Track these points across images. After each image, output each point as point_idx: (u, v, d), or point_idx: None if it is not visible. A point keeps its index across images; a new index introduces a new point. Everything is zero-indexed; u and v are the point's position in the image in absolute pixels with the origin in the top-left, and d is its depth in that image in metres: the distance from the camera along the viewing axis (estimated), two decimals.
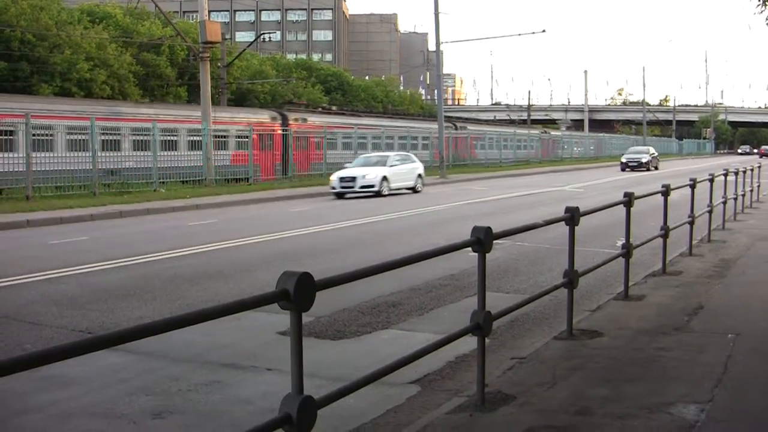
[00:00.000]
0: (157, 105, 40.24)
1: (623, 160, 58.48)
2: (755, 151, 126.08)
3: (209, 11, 37.26)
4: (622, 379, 6.61)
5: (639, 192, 10.75)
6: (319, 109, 51.64)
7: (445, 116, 54.28)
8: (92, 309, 9.88)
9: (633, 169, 56.16)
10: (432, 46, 68.13)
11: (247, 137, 36.79)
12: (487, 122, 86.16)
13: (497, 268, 12.38)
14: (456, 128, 63.19)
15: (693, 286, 10.86)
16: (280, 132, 40.50)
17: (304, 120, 44.04)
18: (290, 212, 23.32)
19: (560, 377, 6.65)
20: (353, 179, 29.95)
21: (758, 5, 12.68)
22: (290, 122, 42.18)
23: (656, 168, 58.28)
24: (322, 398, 4.22)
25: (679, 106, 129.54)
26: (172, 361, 7.62)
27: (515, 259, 13.67)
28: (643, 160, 57.50)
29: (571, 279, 7.99)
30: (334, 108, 55.49)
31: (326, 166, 39.77)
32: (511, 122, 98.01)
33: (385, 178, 30.28)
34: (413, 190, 32.52)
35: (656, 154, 62.43)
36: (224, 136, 36.50)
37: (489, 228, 5.81)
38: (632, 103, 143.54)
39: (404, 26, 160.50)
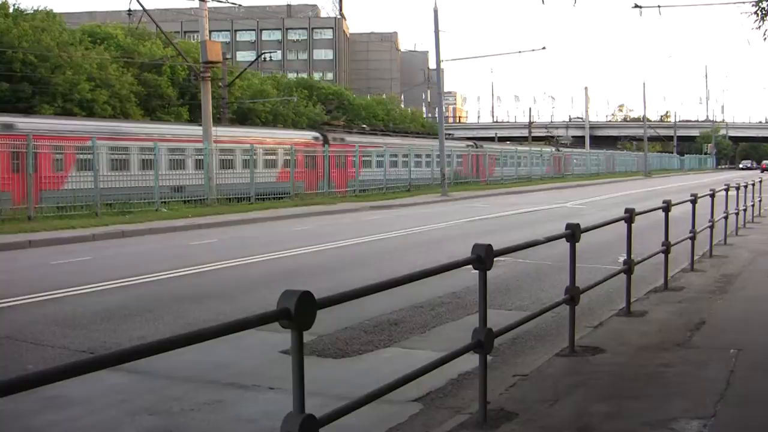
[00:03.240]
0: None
1: None
2: (755, 165, 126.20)
3: (210, 31, 37.42)
4: (624, 395, 6.61)
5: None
6: (355, 130, 53.73)
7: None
8: (94, 329, 9.88)
9: None
10: (432, 64, 68.42)
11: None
12: (488, 140, 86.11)
13: (499, 285, 12.38)
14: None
15: (695, 301, 10.86)
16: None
17: (342, 140, 46.36)
18: (292, 231, 23.32)
19: (562, 394, 6.64)
20: None
21: (756, 20, 12.74)
22: (330, 142, 44.48)
23: None
24: (323, 417, 4.23)
25: (680, 121, 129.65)
26: (175, 380, 7.61)
27: (517, 276, 13.67)
28: None
29: (572, 295, 8.00)
30: (366, 128, 57.43)
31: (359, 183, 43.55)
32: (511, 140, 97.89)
33: None
34: None
35: None
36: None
37: (489, 245, 5.82)
38: (633, 119, 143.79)
39: (404, 45, 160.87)
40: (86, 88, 43.92)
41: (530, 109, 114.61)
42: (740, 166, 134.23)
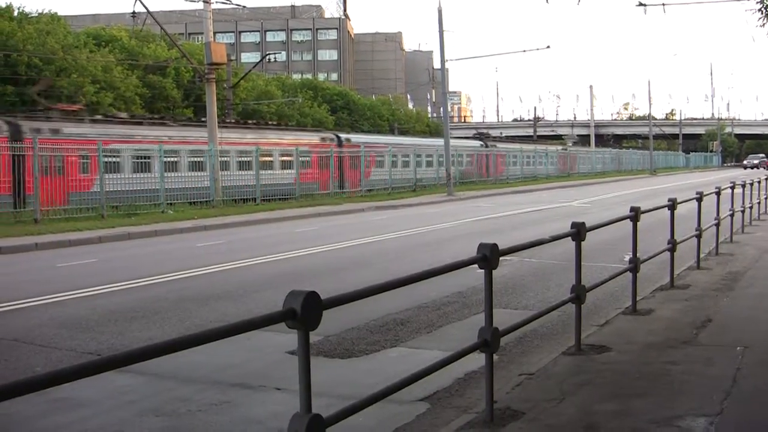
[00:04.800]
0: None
1: None
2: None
3: (214, 33, 37.40)
4: (630, 393, 6.61)
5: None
6: (496, 136, 65.92)
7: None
8: (101, 331, 9.91)
9: None
10: (437, 64, 68.35)
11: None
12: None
13: (505, 284, 12.39)
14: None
15: (701, 299, 10.85)
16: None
17: (495, 146, 61.08)
18: (297, 232, 23.33)
19: (569, 393, 6.65)
20: None
21: (760, 18, 12.72)
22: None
23: None
24: (330, 417, 4.24)
25: (685, 119, 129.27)
26: (182, 381, 7.63)
27: (523, 275, 13.67)
28: None
29: (578, 294, 8.01)
30: (501, 135, 71.73)
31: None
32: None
33: None
34: None
35: None
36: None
37: (495, 245, 5.83)
38: (638, 118, 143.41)
39: (409, 45, 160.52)
40: (91, 91, 44.02)
41: (535, 108, 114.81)
42: (744, 163, 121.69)
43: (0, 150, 26.47)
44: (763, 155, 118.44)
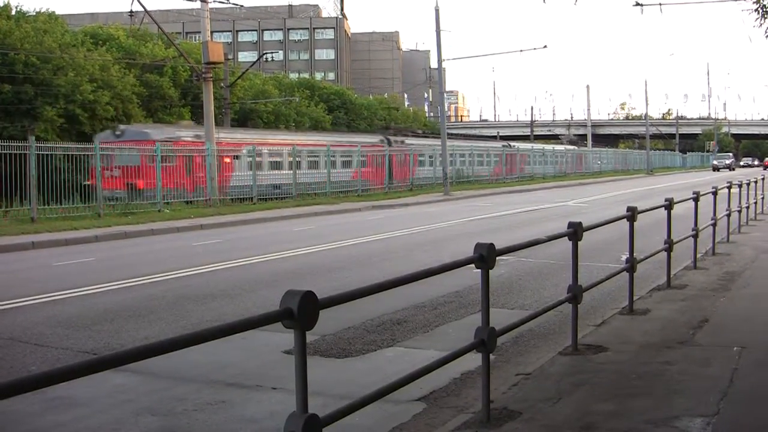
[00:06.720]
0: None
1: None
2: (756, 163, 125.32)
3: (211, 32, 37.39)
4: (627, 393, 6.61)
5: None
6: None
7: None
8: (97, 330, 9.89)
9: None
10: (434, 63, 68.33)
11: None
12: (491, 138, 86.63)
13: (501, 284, 12.39)
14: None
15: (698, 299, 10.85)
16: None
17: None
18: (294, 231, 23.32)
19: (565, 392, 6.64)
20: None
21: (757, 18, 12.74)
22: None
23: None
24: (326, 416, 4.23)
25: (681, 119, 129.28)
26: (178, 380, 7.62)
27: (519, 275, 13.67)
28: None
29: (575, 294, 8.01)
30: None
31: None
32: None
33: None
34: None
35: None
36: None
37: (492, 244, 5.82)
38: (635, 117, 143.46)
39: (406, 44, 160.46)
40: (88, 90, 43.92)
41: (532, 107, 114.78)
42: (715, 163, 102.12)
43: (382, 152, 46.81)
44: (730, 154, 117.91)
